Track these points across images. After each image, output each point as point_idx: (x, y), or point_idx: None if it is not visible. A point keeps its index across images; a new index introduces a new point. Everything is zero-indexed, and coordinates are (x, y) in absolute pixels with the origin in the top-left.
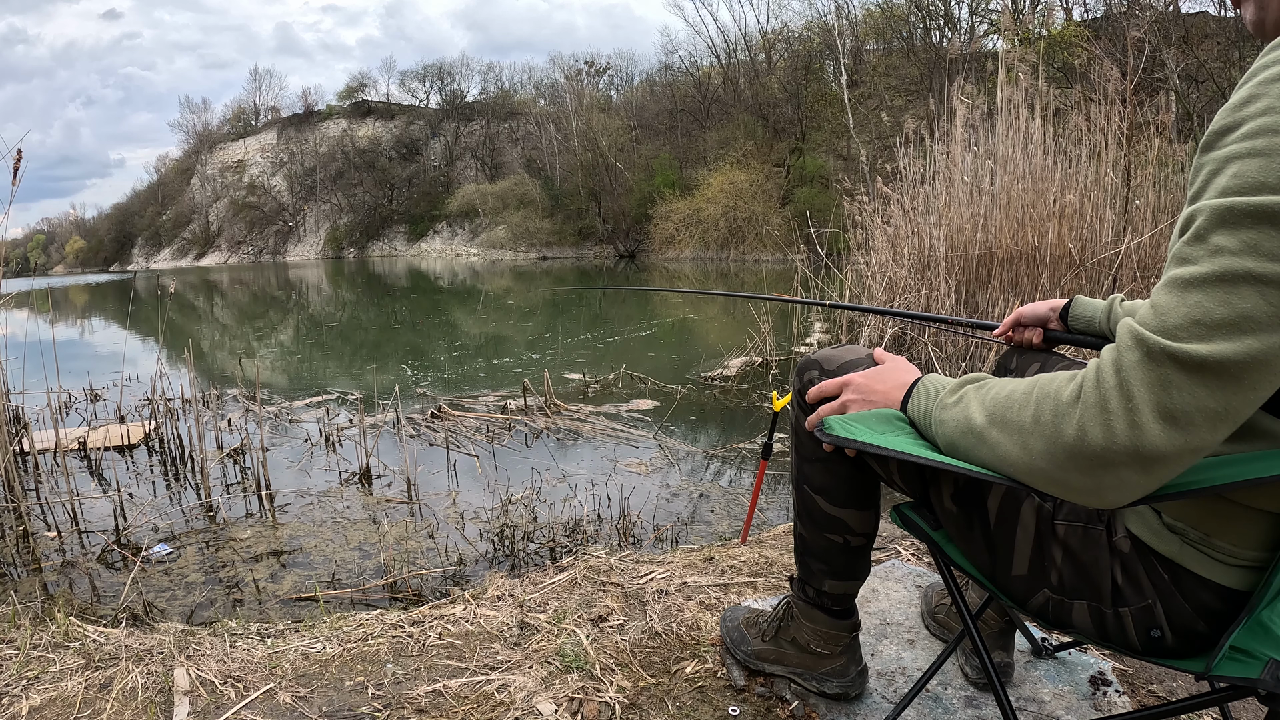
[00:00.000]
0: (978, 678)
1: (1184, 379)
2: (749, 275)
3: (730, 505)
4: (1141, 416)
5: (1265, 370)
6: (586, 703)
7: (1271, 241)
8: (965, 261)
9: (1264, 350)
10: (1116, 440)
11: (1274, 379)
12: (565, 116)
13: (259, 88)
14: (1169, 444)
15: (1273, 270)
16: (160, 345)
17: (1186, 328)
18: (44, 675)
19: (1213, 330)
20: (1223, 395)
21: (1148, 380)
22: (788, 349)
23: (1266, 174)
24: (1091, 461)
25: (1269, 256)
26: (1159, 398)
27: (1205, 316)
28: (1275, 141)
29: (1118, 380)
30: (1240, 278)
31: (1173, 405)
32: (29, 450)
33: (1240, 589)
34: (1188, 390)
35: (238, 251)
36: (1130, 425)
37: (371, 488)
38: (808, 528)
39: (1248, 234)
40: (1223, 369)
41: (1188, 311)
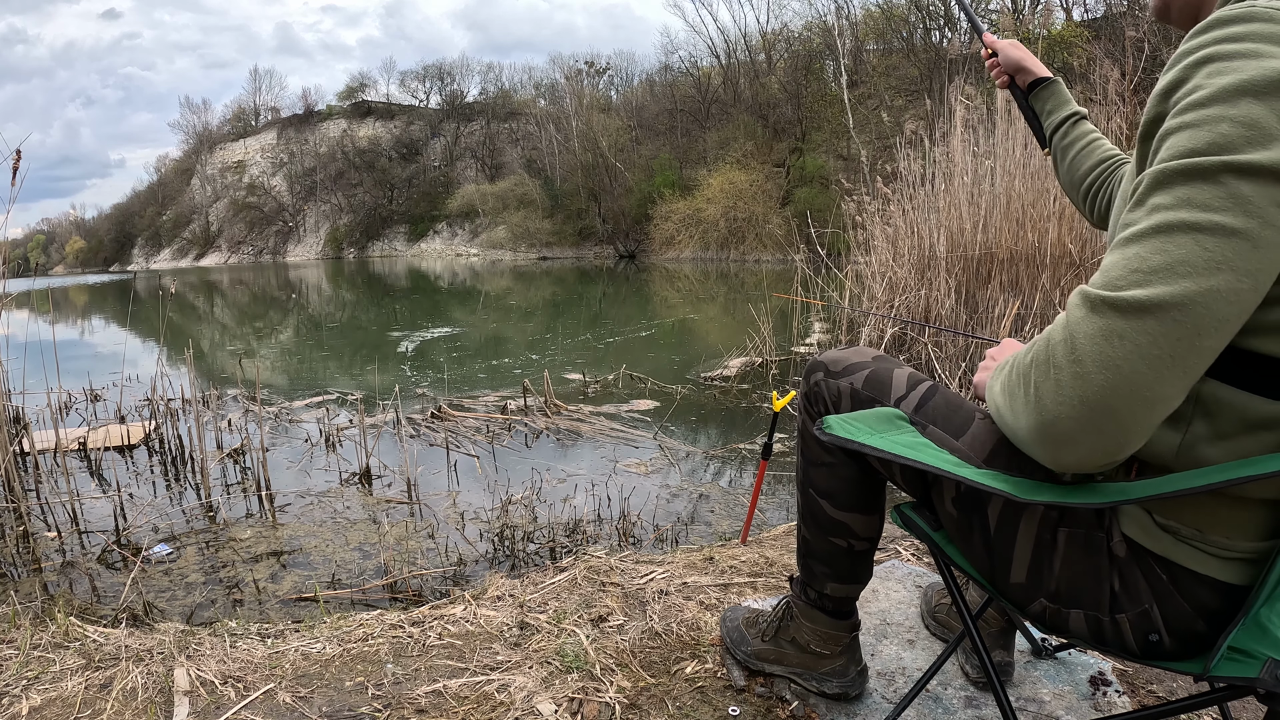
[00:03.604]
0: (978, 677)
1: (1125, 325)
2: (749, 275)
3: (730, 505)
4: (1085, 367)
5: (1205, 314)
6: (586, 703)
7: (1203, 194)
8: (965, 261)
9: (1201, 292)
10: (1065, 394)
11: (1218, 325)
12: (565, 117)
13: (259, 88)
14: (1114, 394)
15: (1206, 219)
16: (160, 345)
17: (1126, 277)
18: (44, 675)
19: (1150, 276)
20: (1165, 339)
21: (1091, 332)
22: (788, 349)
23: (1195, 141)
24: (1046, 417)
25: (1201, 207)
26: (1100, 347)
27: (1143, 265)
28: (1201, 114)
29: (1065, 335)
30: (1175, 227)
31: (1114, 353)
32: (29, 450)
33: (1238, 583)
34: (1128, 337)
35: (238, 252)
36: (1075, 377)
37: (371, 488)
38: (811, 531)
39: (1180, 190)
40: (1162, 311)
41: (1127, 263)
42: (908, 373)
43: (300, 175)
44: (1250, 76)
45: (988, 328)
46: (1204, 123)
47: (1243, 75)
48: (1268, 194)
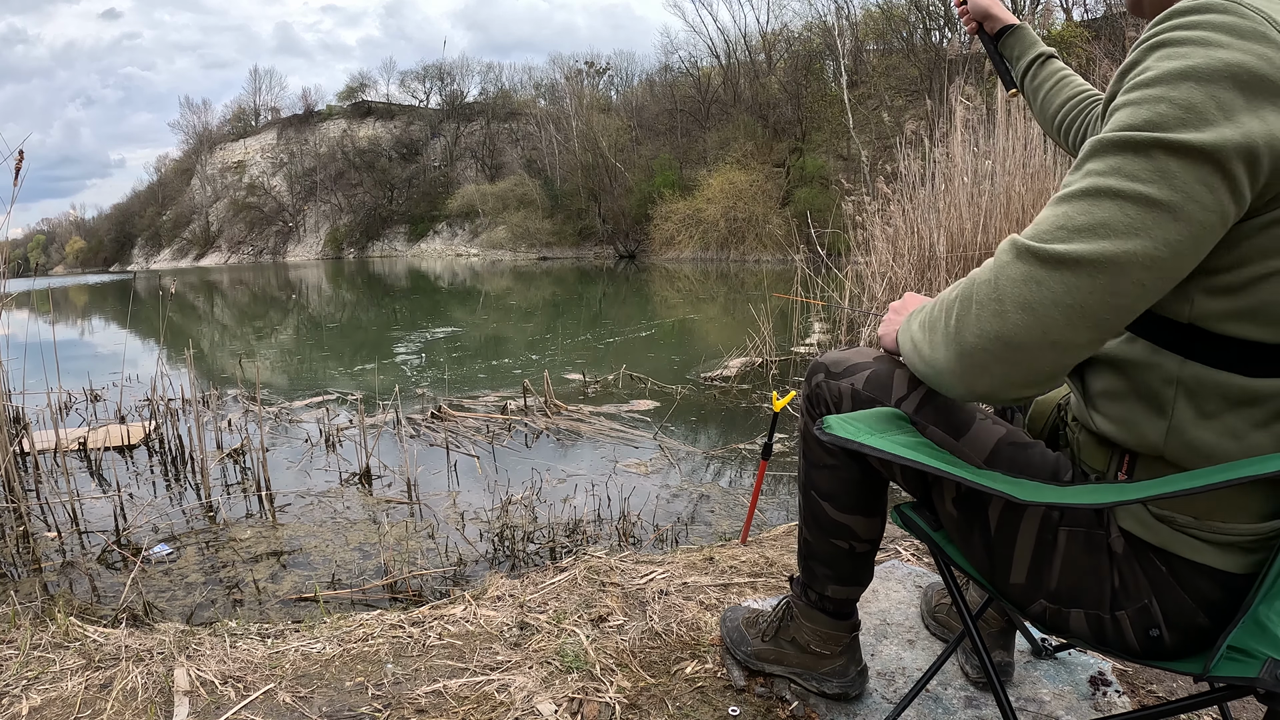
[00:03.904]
0: (978, 678)
1: (1044, 273)
2: (749, 275)
3: (730, 505)
4: (1005, 306)
5: (1119, 274)
6: (586, 703)
7: (1132, 165)
8: (965, 262)
9: (1117, 253)
10: (983, 328)
11: (1131, 287)
12: (565, 117)
13: (259, 88)
14: (1027, 333)
15: (1131, 188)
16: (160, 345)
17: (1052, 232)
18: (44, 675)
19: (1073, 234)
20: (1078, 292)
21: (1013, 276)
22: (788, 349)
23: (1134, 118)
24: (964, 348)
25: (1129, 177)
26: (1021, 290)
27: (1069, 223)
28: (1144, 94)
29: (991, 276)
30: (1103, 192)
31: (1032, 297)
32: (29, 450)
33: (1236, 571)
34: (1046, 285)
35: (238, 252)
36: (994, 314)
37: (371, 488)
38: (813, 533)
39: (1113, 159)
40: (1078, 265)
41: (1055, 219)
42: (909, 373)
43: (300, 175)
44: (1194, 63)
45: None
46: (1145, 101)
47: (1188, 61)
48: (1194, 172)
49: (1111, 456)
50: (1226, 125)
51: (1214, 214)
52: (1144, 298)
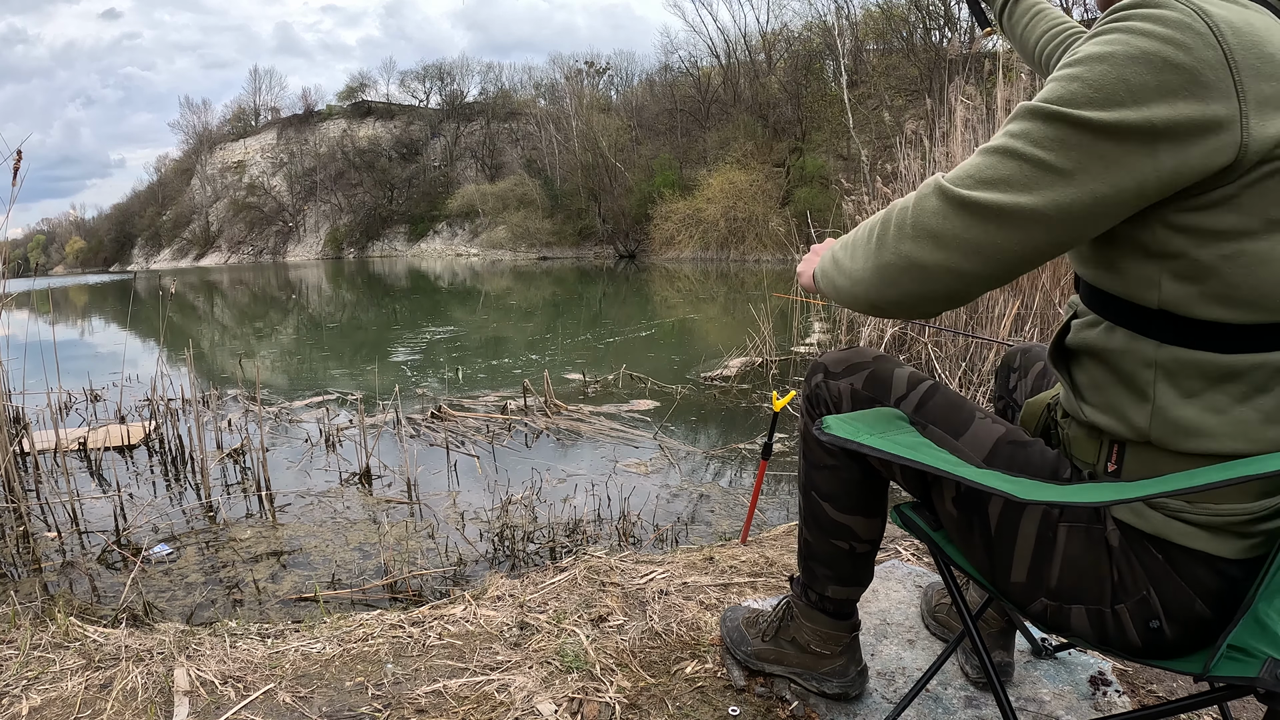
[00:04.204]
0: (978, 678)
1: (951, 212)
2: (749, 275)
3: (730, 505)
4: (918, 232)
5: (1009, 224)
6: (586, 703)
7: (1039, 131)
8: None
9: (1010, 205)
10: (897, 247)
11: (1022, 239)
12: (565, 117)
13: (259, 88)
14: (931, 257)
15: (1032, 151)
16: (160, 346)
17: (964, 178)
18: (44, 675)
19: (979, 183)
20: (976, 231)
21: (928, 209)
22: (788, 349)
23: (1051, 92)
24: (880, 262)
25: (1034, 142)
26: (929, 221)
27: (978, 173)
28: (1065, 71)
29: (911, 205)
30: (1010, 152)
31: (938, 228)
32: (29, 450)
33: (1232, 557)
34: (951, 220)
35: (238, 252)
36: (909, 238)
37: (371, 488)
38: (814, 533)
39: (1026, 124)
40: (977, 209)
41: (969, 168)
42: (908, 372)
43: (300, 175)
44: (1113, 49)
45: (988, 328)
46: (1063, 79)
47: (1109, 47)
48: (1090, 146)
49: (1100, 448)
50: (1130, 108)
51: (1107, 187)
52: (1033, 248)
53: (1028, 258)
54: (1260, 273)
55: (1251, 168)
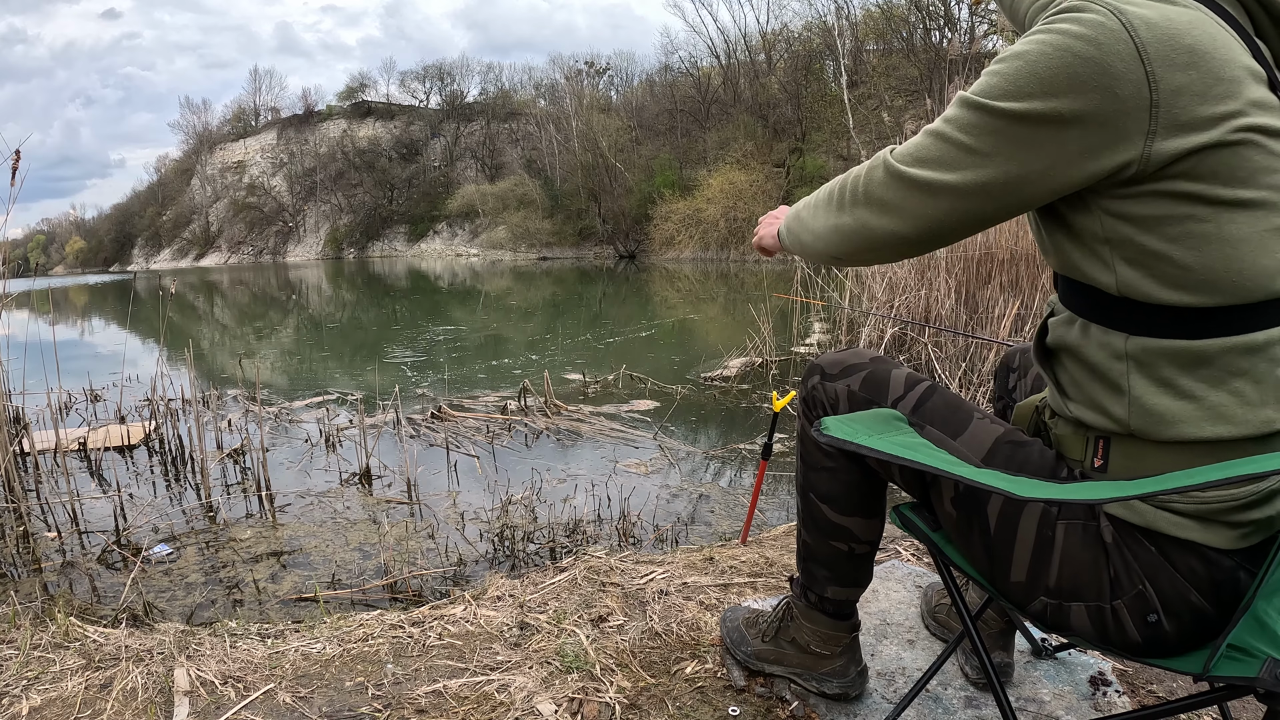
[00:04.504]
0: (978, 678)
1: (893, 183)
2: (749, 275)
3: (730, 505)
4: (868, 198)
5: (933, 195)
6: (586, 703)
7: (964, 118)
8: (965, 262)
9: (937, 181)
10: (855, 213)
11: (945, 210)
12: (565, 117)
13: (259, 88)
14: (876, 219)
15: (957, 136)
16: (160, 346)
17: (905, 156)
18: (44, 675)
19: (915, 160)
20: (912, 201)
21: (876, 178)
22: (787, 349)
23: (978, 85)
24: (839, 220)
25: (959, 127)
26: (876, 189)
27: (916, 151)
28: (991, 68)
29: (864, 173)
30: (940, 135)
31: (883, 197)
32: (29, 451)
33: (1224, 547)
34: (892, 190)
35: (238, 252)
36: (860, 202)
37: (371, 488)
38: (812, 535)
39: (955, 111)
40: (912, 183)
41: (910, 147)
42: (905, 373)
43: (300, 175)
44: (1030, 47)
45: (988, 328)
46: (989, 73)
47: (1028, 45)
48: (1005, 132)
49: (1087, 445)
50: (1039, 100)
51: (1019, 167)
52: (960, 218)
53: (956, 227)
54: (1210, 254)
55: (1173, 154)
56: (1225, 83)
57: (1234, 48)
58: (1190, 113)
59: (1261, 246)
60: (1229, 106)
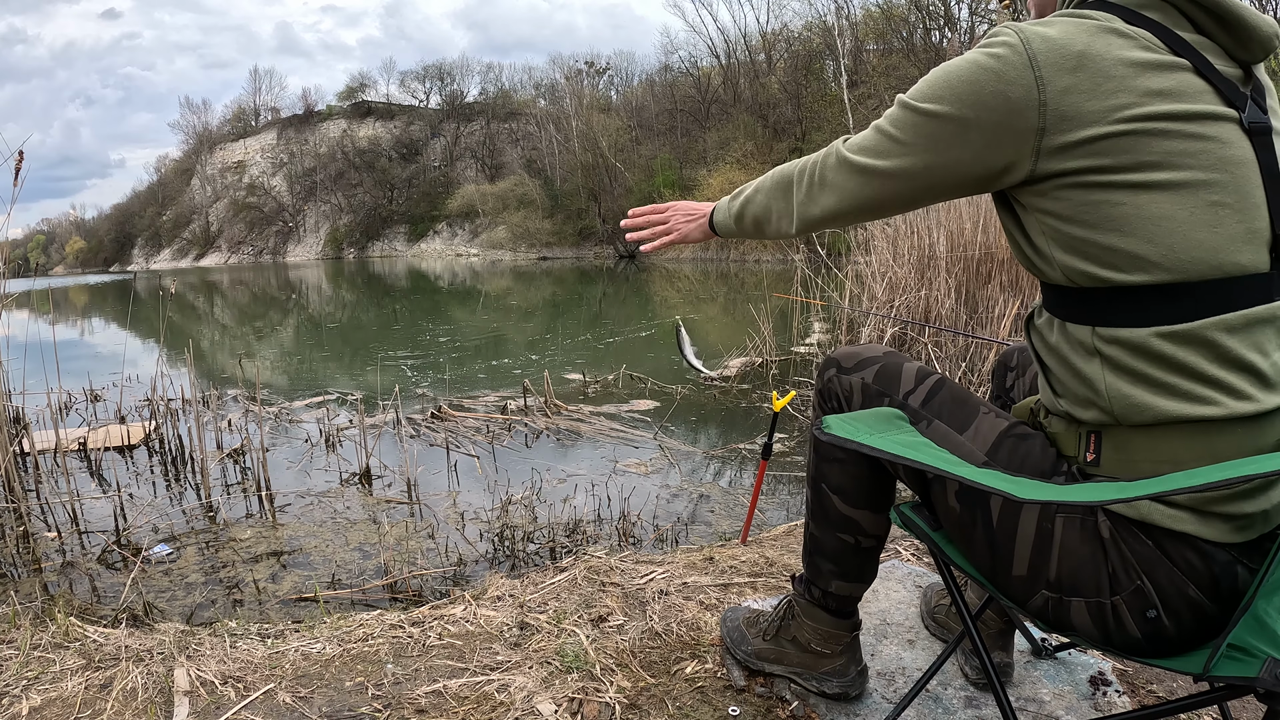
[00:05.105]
0: (978, 678)
1: (841, 168)
2: (749, 275)
3: (730, 505)
4: (823, 181)
5: (872, 179)
6: (586, 703)
7: (896, 115)
8: (965, 261)
9: (873, 166)
10: (811, 190)
11: (880, 191)
12: (565, 117)
13: (259, 88)
14: (829, 198)
15: (890, 129)
16: (160, 346)
17: (853, 146)
18: (44, 675)
19: (859, 150)
20: (853, 183)
21: (828, 164)
22: (788, 349)
23: (912, 91)
24: (799, 198)
25: (893, 123)
26: (829, 174)
27: (863, 142)
28: (926, 77)
29: (820, 160)
30: (879, 129)
31: (833, 180)
32: (29, 451)
33: (1219, 540)
34: (840, 174)
35: (238, 252)
36: (817, 184)
37: (371, 488)
38: (820, 527)
39: (893, 110)
40: (855, 169)
41: (857, 139)
42: (916, 367)
43: (300, 175)
44: (957, 64)
45: (988, 327)
46: (920, 82)
47: (956, 63)
48: (922, 126)
49: (1079, 439)
50: (949, 103)
51: (934, 156)
52: (894, 197)
53: (886, 206)
54: (1138, 234)
55: (1066, 145)
56: (1114, 79)
57: (1129, 48)
58: (1078, 108)
59: (1196, 222)
60: (1118, 100)
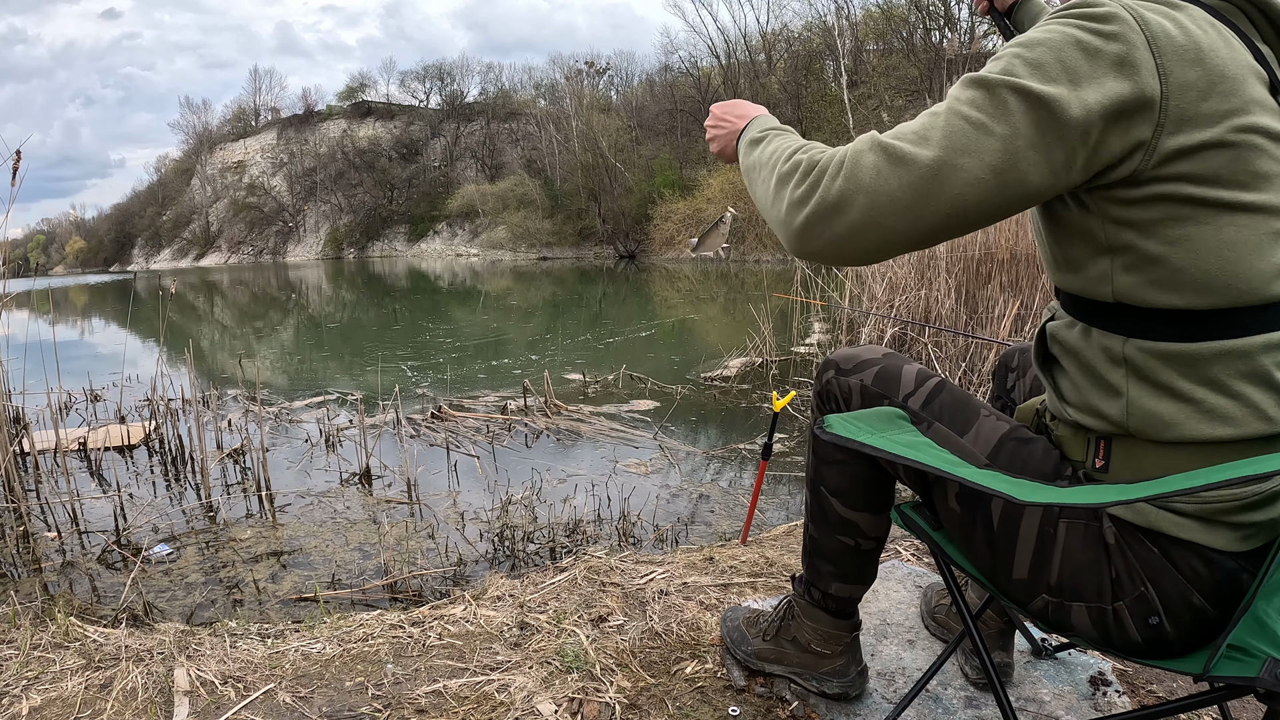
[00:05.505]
0: (978, 678)
1: (887, 166)
2: (749, 275)
3: (730, 505)
4: (848, 183)
5: (944, 182)
6: (586, 703)
7: (980, 99)
8: (965, 261)
9: (947, 164)
10: (828, 198)
11: (953, 199)
12: (565, 117)
13: (259, 88)
14: (860, 210)
15: (975, 115)
16: (160, 345)
17: (906, 136)
18: (44, 675)
19: (921, 141)
20: (908, 188)
21: (865, 163)
22: (788, 349)
23: (993, 67)
24: (807, 210)
25: (976, 107)
26: (864, 174)
27: (922, 131)
28: (1008, 51)
29: (847, 157)
30: (954, 114)
31: (871, 183)
32: (29, 451)
33: (1226, 549)
34: (885, 176)
35: (238, 252)
36: (839, 190)
37: (371, 488)
38: (820, 529)
39: (970, 92)
40: (915, 165)
41: (912, 127)
42: (916, 369)
43: (300, 175)
44: (1051, 35)
45: (988, 328)
46: (1005, 56)
47: (1047, 34)
48: (1028, 114)
49: (1088, 445)
50: (1064, 85)
51: (1039, 152)
52: (960, 212)
53: (948, 223)
54: (1207, 258)
55: (1177, 150)
56: (1229, 80)
57: (1236, 47)
58: (1195, 108)
59: (1258, 250)
60: (1232, 104)
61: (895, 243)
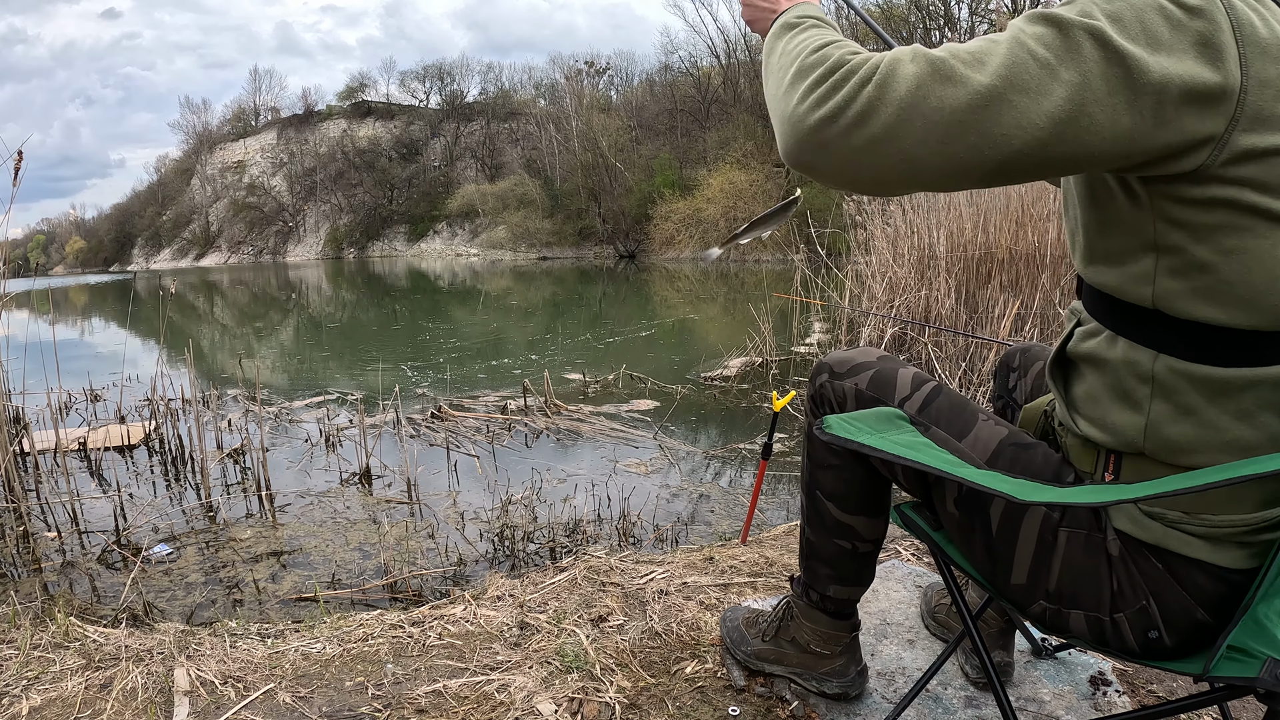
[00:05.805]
0: (978, 678)
1: (933, 84)
2: (749, 275)
3: (730, 505)
4: (881, 94)
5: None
6: (586, 703)
7: (1053, 38)
8: (965, 261)
9: (1005, 96)
10: (854, 108)
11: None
12: (565, 117)
13: (259, 88)
14: (888, 131)
15: (1043, 53)
16: (160, 345)
17: (962, 56)
18: (44, 675)
19: (977, 64)
20: (948, 113)
21: (905, 74)
22: (788, 349)
23: (1071, 8)
24: (824, 116)
25: (1047, 46)
26: (903, 89)
27: (981, 55)
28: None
29: (886, 65)
30: (1020, 45)
31: (909, 99)
32: (29, 450)
33: (1232, 566)
34: (927, 95)
35: (238, 252)
36: (868, 99)
37: (371, 488)
38: (816, 532)
39: (1040, 28)
40: (966, 88)
41: (970, 49)
42: (912, 373)
43: (300, 175)
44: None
45: (988, 327)
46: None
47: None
48: (1102, 66)
49: (1098, 458)
50: (1145, 48)
51: (1105, 112)
52: (996, 157)
53: (984, 165)
54: (1256, 273)
55: (1247, 151)
56: None
57: None
58: (1272, 108)
59: None
60: None
61: (910, 174)
